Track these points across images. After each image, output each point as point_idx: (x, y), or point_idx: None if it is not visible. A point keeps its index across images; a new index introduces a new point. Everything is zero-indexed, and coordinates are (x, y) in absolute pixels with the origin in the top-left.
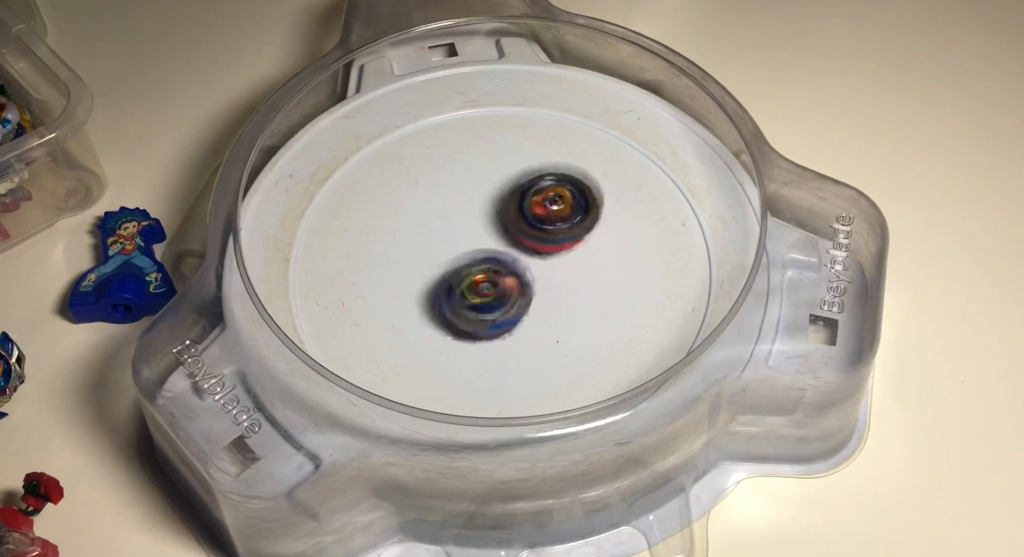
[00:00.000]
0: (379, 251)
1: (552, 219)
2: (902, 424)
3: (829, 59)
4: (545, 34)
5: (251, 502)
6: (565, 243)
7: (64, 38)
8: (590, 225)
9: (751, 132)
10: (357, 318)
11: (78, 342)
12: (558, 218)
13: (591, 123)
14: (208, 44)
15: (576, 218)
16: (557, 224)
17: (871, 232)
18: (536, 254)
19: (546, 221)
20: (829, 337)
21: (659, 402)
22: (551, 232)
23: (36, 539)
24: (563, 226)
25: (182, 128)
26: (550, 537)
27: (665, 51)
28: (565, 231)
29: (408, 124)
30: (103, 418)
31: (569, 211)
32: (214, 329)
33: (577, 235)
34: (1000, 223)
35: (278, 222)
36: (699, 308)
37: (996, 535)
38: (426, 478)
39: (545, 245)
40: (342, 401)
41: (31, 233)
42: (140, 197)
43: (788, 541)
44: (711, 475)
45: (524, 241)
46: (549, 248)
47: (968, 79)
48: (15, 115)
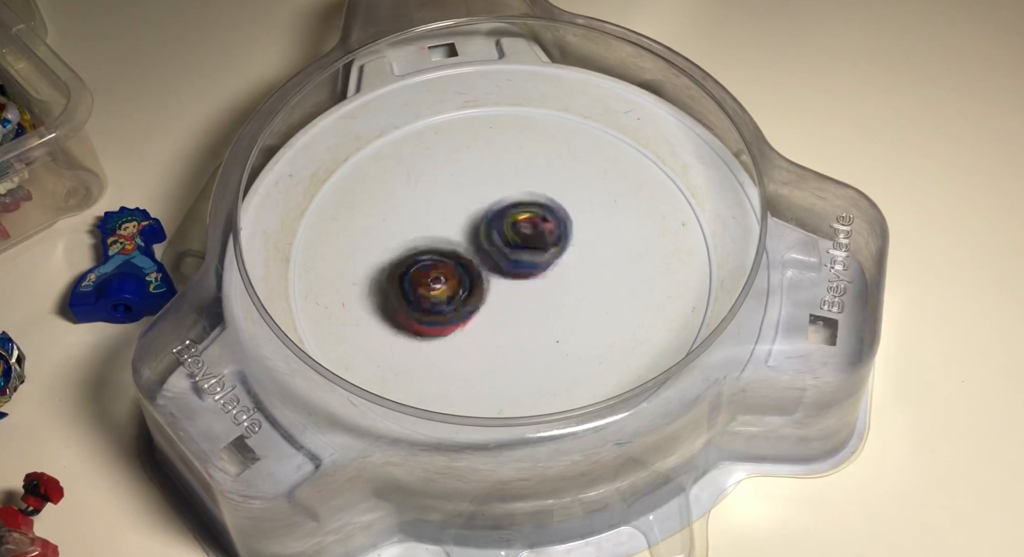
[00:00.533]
0: (379, 251)
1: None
2: (902, 424)
3: (829, 59)
4: (545, 34)
5: (251, 502)
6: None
7: (64, 38)
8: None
9: (751, 132)
10: (357, 318)
11: (78, 342)
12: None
13: (591, 123)
14: (208, 44)
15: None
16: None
17: (871, 232)
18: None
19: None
20: (829, 337)
21: (659, 402)
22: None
23: (36, 539)
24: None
25: (182, 128)
26: (550, 537)
27: (665, 51)
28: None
29: (408, 124)
30: (103, 418)
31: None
32: (214, 329)
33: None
34: (1000, 223)
35: (278, 222)
36: (699, 308)
37: (996, 535)
38: (426, 478)
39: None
40: (342, 401)
41: (31, 233)
42: (140, 197)
43: (788, 541)
44: (711, 475)
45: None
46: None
47: (968, 79)
48: (15, 115)
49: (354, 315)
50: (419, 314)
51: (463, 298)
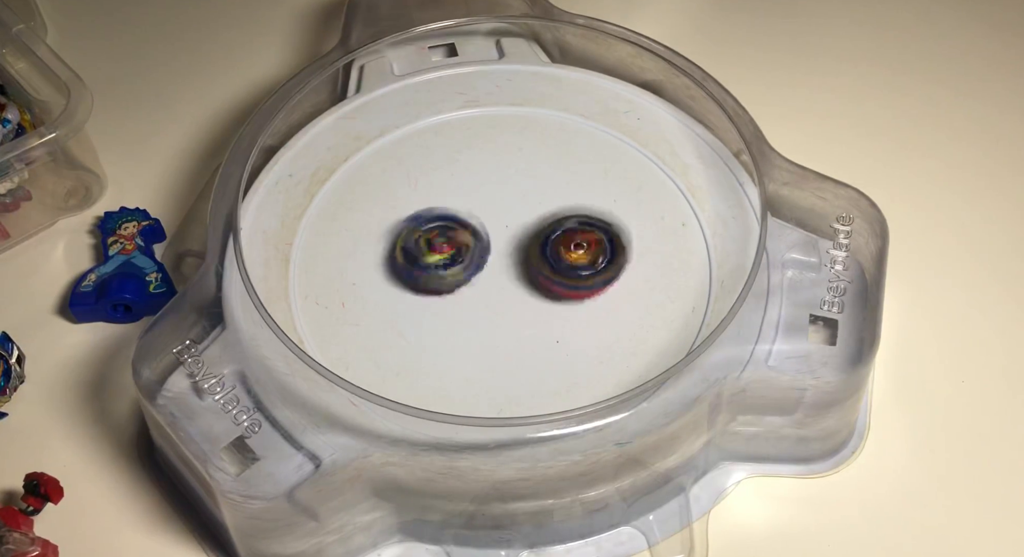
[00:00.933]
0: (379, 251)
1: (578, 268)
2: (902, 424)
3: (829, 59)
4: (545, 34)
5: (251, 502)
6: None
7: (64, 38)
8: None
9: (751, 132)
10: (357, 318)
11: (78, 342)
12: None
13: (591, 123)
14: (208, 44)
15: (602, 265)
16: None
17: (871, 232)
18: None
19: (571, 270)
20: (829, 337)
21: (659, 402)
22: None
23: (36, 539)
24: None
25: (182, 128)
26: (550, 537)
27: (665, 51)
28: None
29: (408, 124)
30: (103, 418)
31: (591, 258)
32: (214, 329)
33: (598, 285)
34: (1000, 223)
35: (278, 222)
36: (699, 308)
37: (996, 535)
38: (426, 478)
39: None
40: (342, 401)
41: (31, 233)
42: (140, 197)
43: (788, 541)
44: (711, 475)
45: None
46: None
47: (968, 79)
48: (15, 115)
49: (354, 315)
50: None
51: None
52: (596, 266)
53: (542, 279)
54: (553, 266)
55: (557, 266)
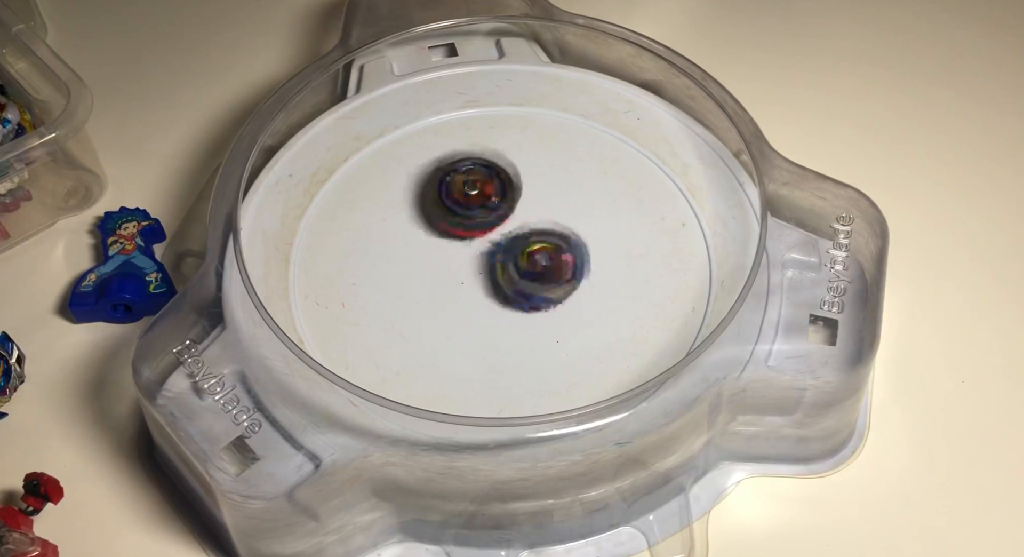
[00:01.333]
0: (379, 251)
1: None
2: (902, 424)
3: (829, 59)
4: (545, 34)
5: (251, 502)
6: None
7: (64, 38)
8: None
9: (751, 132)
10: (357, 318)
11: (78, 342)
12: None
13: (591, 123)
14: (208, 44)
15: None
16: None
17: (871, 232)
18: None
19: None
20: (829, 337)
21: (659, 402)
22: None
23: (36, 539)
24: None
25: (182, 128)
26: (550, 537)
27: (665, 51)
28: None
29: (408, 124)
30: (103, 418)
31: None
32: (214, 329)
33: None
34: (1000, 223)
35: (278, 222)
36: (699, 308)
37: (996, 535)
38: (426, 478)
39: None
40: (342, 401)
41: (31, 233)
42: (140, 197)
43: (788, 541)
44: (711, 475)
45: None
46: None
47: (968, 79)
48: (15, 115)
49: (354, 315)
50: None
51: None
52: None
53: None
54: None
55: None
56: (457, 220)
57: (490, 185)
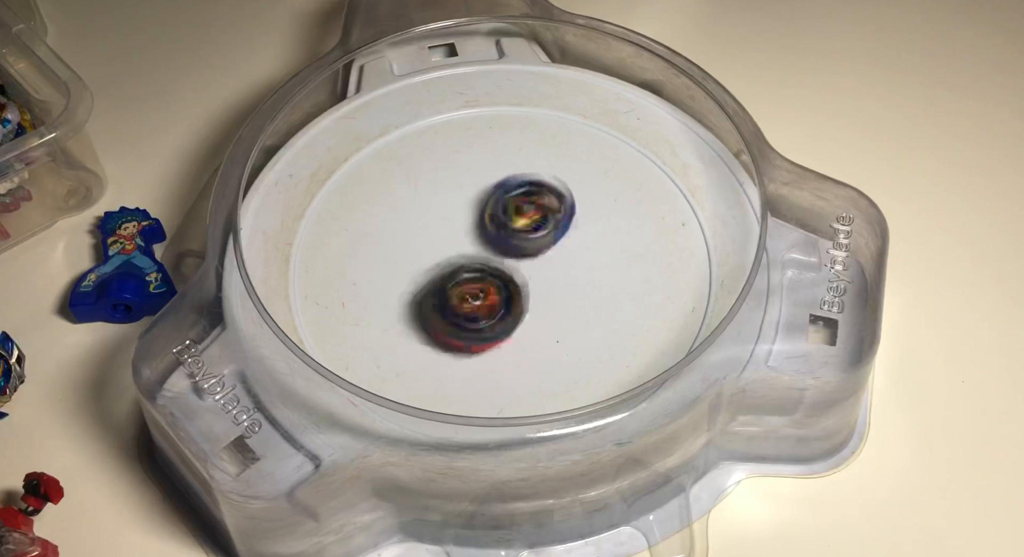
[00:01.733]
0: (379, 251)
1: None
2: (902, 424)
3: (829, 59)
4: (545, 34)
5: (251, 502)
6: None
7: (64, 38)
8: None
9: (751, 132)
10: (357, 318)
11: (78, 342)
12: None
13: (591, 123)
14: (208, 44)
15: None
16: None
17: (871, 232)
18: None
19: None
20: (829, 337)
21: (659, 402)
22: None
23: (36, 539)
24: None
25: (182, 128)
26: (550, 537)
27: (665, 51)
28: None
29: (408, 124)
30: (103, 418)
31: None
32: (214, 329)
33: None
34: (1000, 223)
35: (278, 222)
36: (699, 308)
37: (996, 535)
38: (426, 478)
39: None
40: (342, 401)
41: (31, 233)
42: (140, 197)
43: (788, 541)
44: (711, 475)
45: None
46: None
47: (968, 79)
48: (15, 115)
49: (354, 315)
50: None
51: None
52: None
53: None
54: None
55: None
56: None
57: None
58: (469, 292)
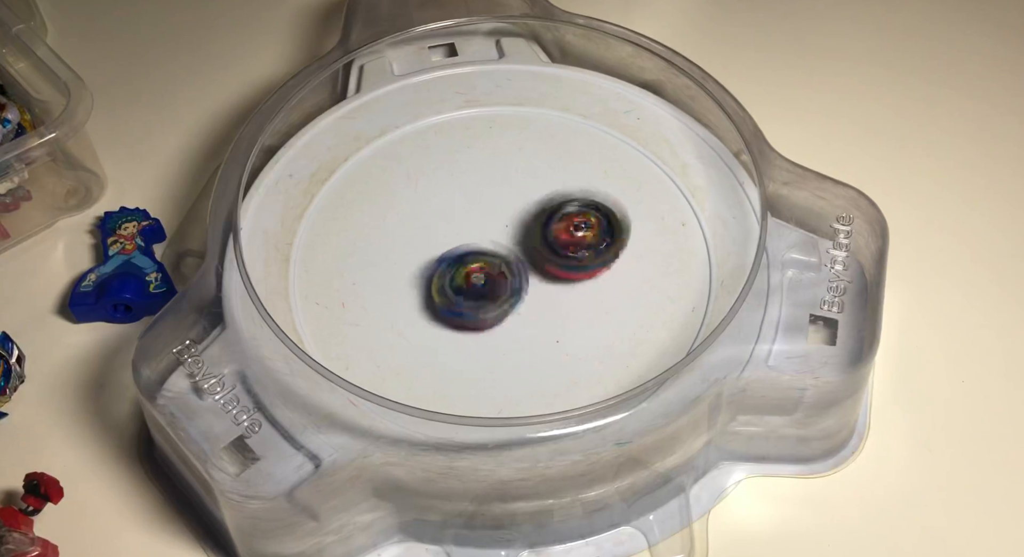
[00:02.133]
0: (379, 251)
1: (576, 246)
2: (902, 424)
3: (829, 59)
4: (545, 34)
5: (251, 502)
6: (588, 271)
7: (64, 38)
8: (615, 254)
9: (751, 132)
10: (357, 318)
11: (78, 342)
12: (582, 246)
13: (591, 123)
14: (208, 44)
15: (601, 246)
16: (581, 252)
17: (871, 232)
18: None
19: (568, 247)
20: (829, 337)
21: (659, 402)
22: (574, 260)
23: (36, 539)
24: (584, 254)
25: (182, 128)
26: (550, 537)
27: (665, 51)
28: (587, 259)
29: (408, 124)
30: (103, 418)
31: (594, 239)
32: (214, 329)
33: (598, 265)
34: (1000, 223)
35: (278, 222)
36: (699, 308)
37: (996, 535)
38: (426, 478)
39: (567, 272)
40: (342, 401)
41: (31, 233)
42: (140, 197)
43: (788, 541)
44: (711, 475)
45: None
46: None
47: (968, 79)
48: (15, 115)
49: (354, 315)
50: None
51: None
52: (597, 247)
53: (546, 265)
54: (553, 248)
55: (557, 248)
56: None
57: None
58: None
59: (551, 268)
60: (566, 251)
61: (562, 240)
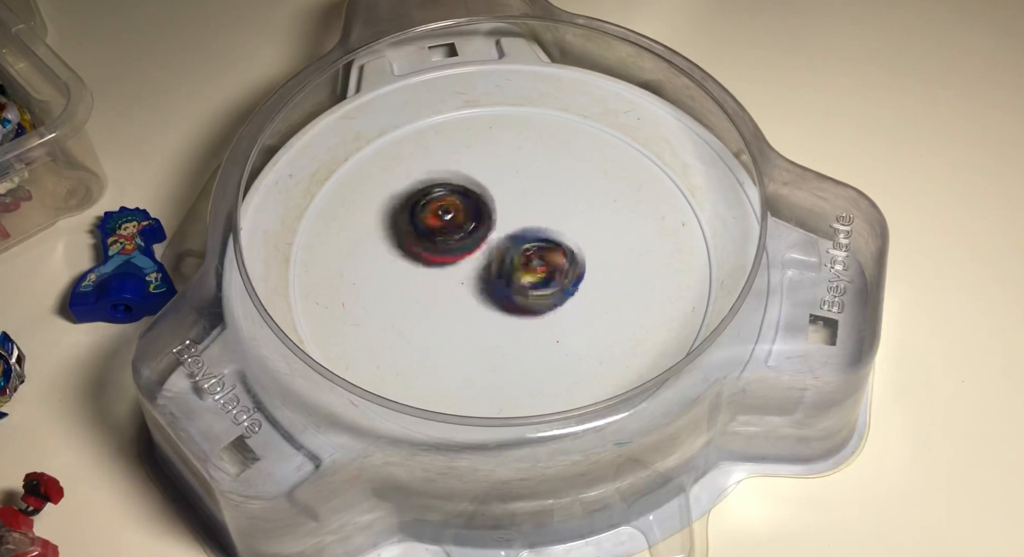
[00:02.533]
0: (379, 251)
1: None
2: (902, 424)
3: (829, 59)
4: (545, 34)
5: (251, 502)
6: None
7: (64, 38)
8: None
9: (751, 132)
10: (357, 318)
11: (78, 342)
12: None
13: (591, 123)
14: (208, 44)
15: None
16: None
17: (871, 232)
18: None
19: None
20: (829, 337)
21: (659, 402)
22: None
23: (36, 539)
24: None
25: (182, 128)
26: (550, 537)
27: (665, 51)
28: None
29: (408, 124)
30: (103, 418)
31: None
32: (214, 329)
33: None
34: (1000, 223)
35: (278, 222)
36: (699, 308)
37: (996, 535)
38: (426, 478)
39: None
40: (342, 401)
41: (31, 233)
42: (140, 197)
43: (788, 541)
44: (711, 475)
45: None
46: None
47: (968, 79)
48: (15, 115)
49: (354, 315)
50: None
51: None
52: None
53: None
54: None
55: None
56: (435, 247)
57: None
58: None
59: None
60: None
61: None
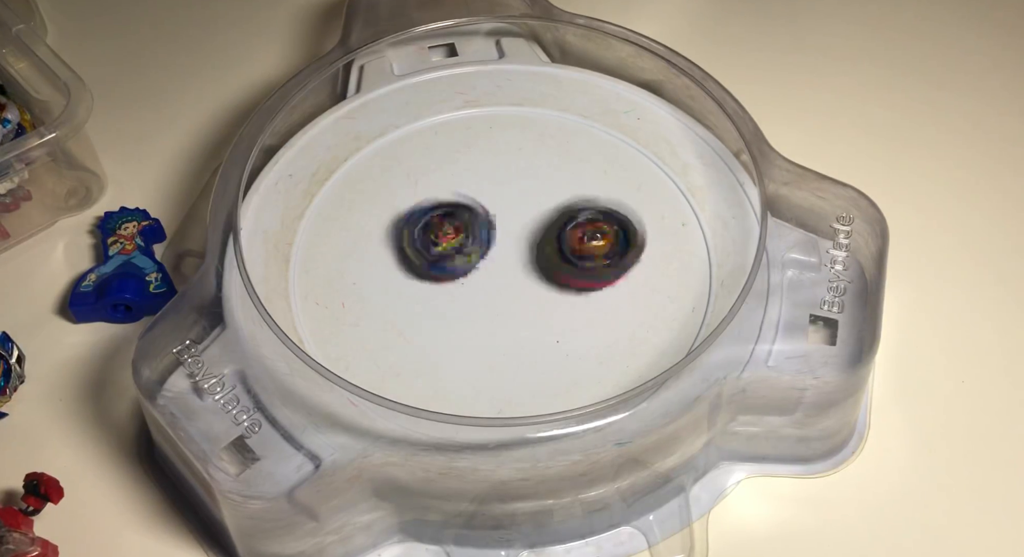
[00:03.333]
0: (379, 251)
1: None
2: (902, 424)
3: (829, 59)
4: (545, 34)
5: (251, 502)
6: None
7: (64, 38)
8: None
9: (751, 132)
10: (357, 318)
11: (78, 342)
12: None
13: (591, 123)
14: (208, 44)
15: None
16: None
17: (871, 232)
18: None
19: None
20: (829, 337)
21: (659, 402)
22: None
23: (36, 539)
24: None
25: (182, 128)
26: (550, 537)
27: (665, 51)
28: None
29: (408, 124)
30: (103, 418)
31: (607, 248)
32: (214, 329)
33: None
34: (1000, 223)
35: (278, 222)
36: (699, 308)
37: (996, 535)
38: (426, 478)
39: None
40: (342, 401)
41: (31, 233)
42: (140, 197)
43: (788, 541)
44: (711, 475)
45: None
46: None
47: (968, 79)
48: (15, 115)
49: (354, 315)
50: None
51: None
52: (611, 257)
53: (556, 273)
54: (567, 258)
55: (571, 257)
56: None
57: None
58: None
59: (563, 276)
60: (581, 259)
61: (577, 248)
